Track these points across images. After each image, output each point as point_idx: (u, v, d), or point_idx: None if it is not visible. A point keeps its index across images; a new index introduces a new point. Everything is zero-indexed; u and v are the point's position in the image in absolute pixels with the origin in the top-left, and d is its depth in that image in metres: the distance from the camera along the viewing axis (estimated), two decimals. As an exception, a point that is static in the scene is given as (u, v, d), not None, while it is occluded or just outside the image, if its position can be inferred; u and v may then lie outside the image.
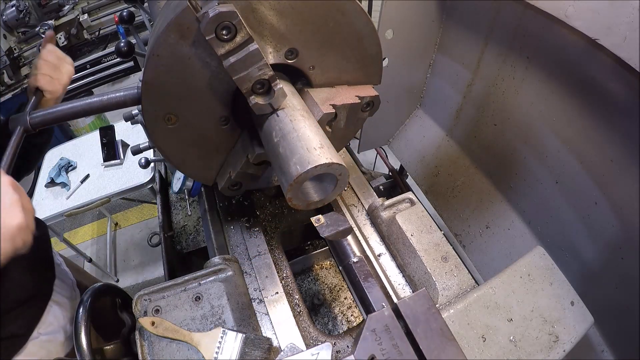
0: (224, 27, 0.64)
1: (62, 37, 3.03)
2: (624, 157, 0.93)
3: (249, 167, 0.89)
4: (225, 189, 0.96)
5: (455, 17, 1.37)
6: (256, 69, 0.69)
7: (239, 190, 0.98)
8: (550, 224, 1.19)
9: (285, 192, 0.68)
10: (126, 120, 1.14)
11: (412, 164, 1.66)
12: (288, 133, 0.70)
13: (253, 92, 0.72)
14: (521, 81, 1.17)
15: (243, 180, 0.94)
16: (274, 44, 0.77)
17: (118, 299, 0.97)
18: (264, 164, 0.90)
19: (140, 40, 1.15)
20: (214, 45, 0.66)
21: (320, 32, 0.78)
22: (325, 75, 0.87)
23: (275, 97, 0.73)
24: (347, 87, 0.90)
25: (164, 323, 0.83)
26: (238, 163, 0.90)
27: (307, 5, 0.74)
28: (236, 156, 0.92)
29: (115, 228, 3.25)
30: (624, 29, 0.79)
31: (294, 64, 0.82)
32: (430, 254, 0.99)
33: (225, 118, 0.85)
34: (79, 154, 2.56)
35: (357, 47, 0.84)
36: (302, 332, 0.94)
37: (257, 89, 0.72)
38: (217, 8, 0.62)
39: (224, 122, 0.85)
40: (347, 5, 0.76)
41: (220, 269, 0.94)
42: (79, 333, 0.79)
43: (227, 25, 0.64)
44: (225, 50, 0.67)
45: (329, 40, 0.81)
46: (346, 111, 0.86)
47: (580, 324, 0.89)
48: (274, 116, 0.74)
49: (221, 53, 0.67)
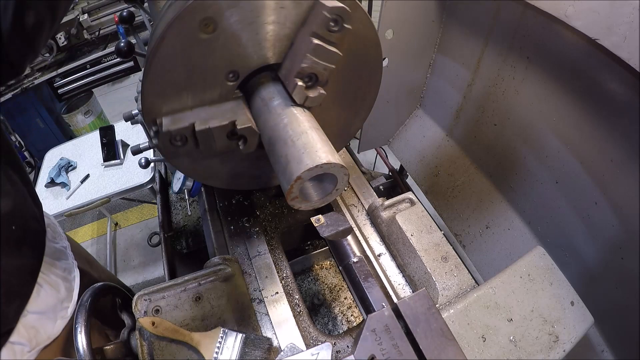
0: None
1: (62, 37, 3.03)
2: (624, 157, 0.93)
3: (224, 131, 0.76)
4: (166, 136, 0.75)
5: (455, 17, 1.37)
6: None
7: (178, 147, 0.78)
8: (550, 224, 1.19)
9: (285, 192, 0.68)
10: (126, 120, 1.14)
11: (412, 164, 1.66)
12: (287, 133, 0.70)
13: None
14: (521, 81, 1.17)
15: (204, 143, 0.77)
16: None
17: (118, 299, 0.98)
18: (241, 140, 0.79)
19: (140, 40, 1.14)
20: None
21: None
22: (272, 47, 0.76)
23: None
24: (301, 30, 0.74)
25: (164, 323, 0.83)
26: (215, 120, 0.76)
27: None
28: (217, 112, 0.78)
29: (115, 228, 3.25)
30: (624, 29, 0.79)
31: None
32: (430, 254, 0.99)
33: (234, 73, 0.78)
34: (79, 154, 2.56)
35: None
36: (302, 332, 0.94)
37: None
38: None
39: (233, 77, 0.78)
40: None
41: (220, 269, 0.94)
42: (79, 333, 0.79)
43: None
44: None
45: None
46: (317, 60, 0.72)
47: (580, 324, 0.89)
48: (274, 116, 0.74)
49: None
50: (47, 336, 1.02)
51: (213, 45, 0.72)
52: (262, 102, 0.78)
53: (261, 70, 0.80)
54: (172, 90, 0.75)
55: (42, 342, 1.01)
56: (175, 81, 0.74)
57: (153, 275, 2.87)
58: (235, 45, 0.74)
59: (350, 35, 0.74)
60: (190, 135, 0.76)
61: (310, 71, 0.74)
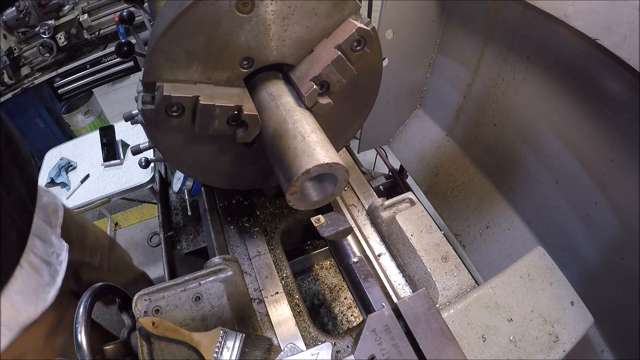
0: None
1: (62, 37, 3.02)
2: (624, 157, 0.93)
3: (227, 112, 0.74)
4: (164, 101, 0.71)
5: (455, 17, 1.37)
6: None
7: (174, 116, 0.74)
8: (550, 224, 1.19)
9: (285, 192, 0.68)
10: (126, 120, 1.14)
11: (412, 164, 1.66)
12: (293, 131, 0.70)
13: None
14: (521, 81, 1.17)
15: (201, 120, 0.74)
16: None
17: (118, 299, 0.97)
18: (241, 127, 0.77)
19: (140, 40, 1.14)
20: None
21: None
22: (293, 47, 0.78)
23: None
24: (325, 41, 0.78)
25: (164, 323, 0.83)
26: (221, 99, 0.74)
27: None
28: (222, 92, 0.77)
29: (115, 228, 3.25)
30: (624, 29, 0.79)
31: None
32: (430, 254, 0.99)
33: (250, 61, 0.78)
34: (79, 154, 2.56)
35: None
36: (302, 332, 0.94)
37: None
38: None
39: (247, 64, 0.78)
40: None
41: (220, 269, 0.94)
42: (79, 333, 0.79)
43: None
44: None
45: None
46: (334, 71, 0.75)
47: (580, 324, 0.89)
48: (282, 111, 0.74)
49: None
50: (27, 316, 1.02)
51: (243, 26, 0.72)
52: (270, 97, 0.78)
53: (271, 67, 0.82)
54: (184, 57, 0.73)
55: (22, 323, 1.00)
56: (191, 49, 0.73)
57: (153, 275, 2.86)
58: (262, 34, 0.75)
59: (365, 58, 0.78)
60: (190, 108, 0.73)
61: (325, 79, 0.76)
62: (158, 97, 0.73)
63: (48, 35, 2.91)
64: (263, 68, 0.81)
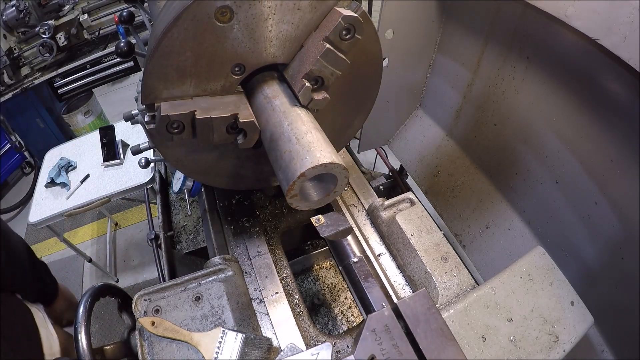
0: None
1: (62, 37, 3.02)
2: (624, 157, 0.93)
3: (224, 122, 0.75)
4: (163, 121, 0.73)
5: (455, 17, 1.37)
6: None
7: (174, 135, 0.76)
8: (550, 224, 1.19)
9: (285, 193, 0.68)
10: (126, 120, 1.14)
11: (412, 164, 1.66)
12: (288, 133, 0.70)
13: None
14: (521, 81, 1.17)
15: (202, 133, 0.76)
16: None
17: (118, 299, 0.97)
18: (240, 134, 0.78)
19: (140, 40, 1.14)
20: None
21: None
22: (282, 46, 0.78)
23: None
24: (313, 34, 0.76)
25: (164, 323, 0.83)
26: (217, 110, 0.75)
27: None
28: (218, 103, 0.77)
29: (115, 228, 3.25)
30: (624, 29, 0.79)
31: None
32: (430, 254, 0.99)
33: (241, 67, 0.78)
34: (79, 154, 2.56)
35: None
36: (302, 332, 0.94)
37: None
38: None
39: (239, 70, 0.79)
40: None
41: (220, 269, 0.94)
42: (79, 333, 0.79)
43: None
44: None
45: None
46: (325, 64, 0.74)
47: (580, 324, 0.89)
48: (277, 114, 0.74)
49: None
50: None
51: (226, 35, 0.72)
52: (266, 100, 0.78)
53: (266, 68, 0.81)
54: (176, 74, 0.74)
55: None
56: (180, 66, 0.73)
57: (153, 275, 2.87)
58: (247, 39, 0.74)
59: (358, 45, 0.76)
60: (189, 123, 0.75)
61: (317, 74, 0.75)
62: (158, 117, 0.74)
63: (48, 35, 2.91)
64: (257, 70, 0.81)
